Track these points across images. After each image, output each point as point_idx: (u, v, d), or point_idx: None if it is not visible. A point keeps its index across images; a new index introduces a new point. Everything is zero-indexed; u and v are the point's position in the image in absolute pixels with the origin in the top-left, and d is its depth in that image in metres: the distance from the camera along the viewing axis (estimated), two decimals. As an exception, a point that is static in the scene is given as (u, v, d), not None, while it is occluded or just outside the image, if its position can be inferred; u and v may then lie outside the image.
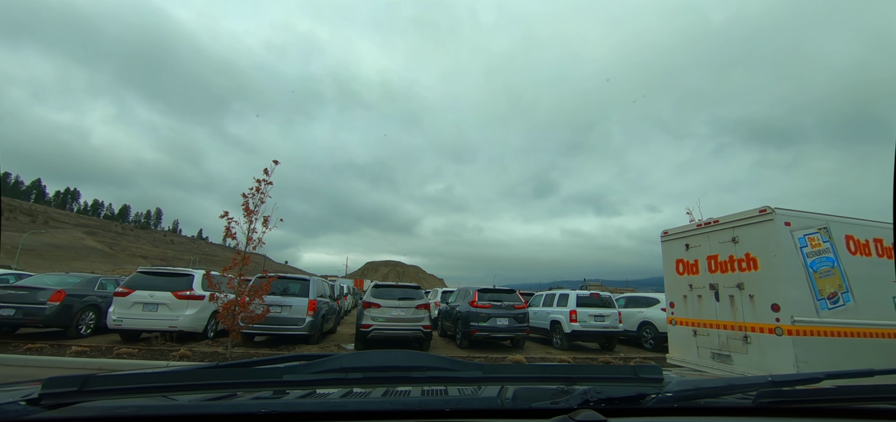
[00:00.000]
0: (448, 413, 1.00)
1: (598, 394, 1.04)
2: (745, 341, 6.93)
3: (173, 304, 9.57)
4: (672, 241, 8.81)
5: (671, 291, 8.73)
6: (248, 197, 8.72)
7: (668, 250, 8.92)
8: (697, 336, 7.91)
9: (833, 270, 6.78)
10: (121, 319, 9.31)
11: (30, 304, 9.26)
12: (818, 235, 6.86)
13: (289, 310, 9.93)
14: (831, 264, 6.80)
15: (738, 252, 7.23)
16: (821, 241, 6.85)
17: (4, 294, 9.38)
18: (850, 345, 6.48)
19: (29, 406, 0.94)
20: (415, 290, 11.00)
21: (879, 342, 6.68)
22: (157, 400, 1.05)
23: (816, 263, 6.70)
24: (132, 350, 8.45)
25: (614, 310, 12.10)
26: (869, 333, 6.63)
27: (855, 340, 6.54)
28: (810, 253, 6.71)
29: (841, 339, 6.45)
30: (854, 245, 7.09)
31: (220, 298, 8.37)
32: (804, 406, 1.16)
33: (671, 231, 8.92)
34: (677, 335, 8.50)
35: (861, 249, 7.13)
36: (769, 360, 6.48)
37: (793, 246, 6.63)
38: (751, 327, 6.85)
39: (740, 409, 1.15)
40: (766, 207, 6.85)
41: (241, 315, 8.33)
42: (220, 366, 1.35)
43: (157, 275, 10.09)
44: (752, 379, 1.30)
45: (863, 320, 6.66)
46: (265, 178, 8.93)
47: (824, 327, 6.39)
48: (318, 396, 1.15)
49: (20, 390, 1.07)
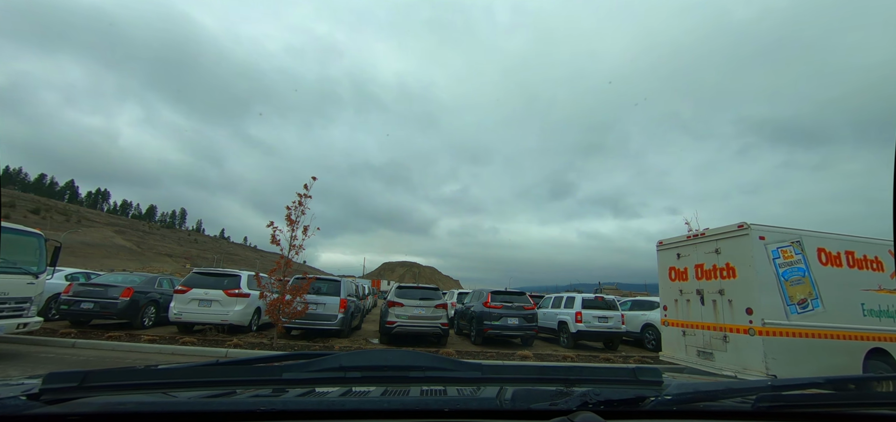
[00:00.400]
0: (447, 413, 1.01)
1: (597, 396, 1.04)
2: (724, 341, 7.89)
3: (224, 300, 10.98)
4: (666, 250, 9.79)
5: (665, 295, 9.71)
6: (291, 210, 10.11)
7: (662, 259, 9.89)
8: (686, 336, 8.88)
9: (803, 279, 7.69)
10: (180, 312, 10.76)
11: (105, 299, 10.81)
12: (791, 248, 7.78)
13: (323, 307, 11.24)
14: (802, 274, 7.71)
15: (720, 262, 8.20)
16: (793, 253, 7.77)
17: (84, 290, 10.98)
18: (816, 345, 7.40)
19: (29, 401, 0.95)
20: (434, 291, 12.20)
21: (845, 344, 7.57)
22: (157, 396, 1.06)
23: (788, 273, 7.62)
24: (192, 340, 9.86)
25: (618, 312, 13.07)
26: (835, 335, 7.53)
27: (821, 340, 7.45)
28: (782, 264, 7.64)
29: (808, 340, 7.37)
30: (825, 257, 7.98)
31: (268, 296, 9.77)
32: (804, 411, 1.16)
33: (665, 241, 9.89)
34: (669, 335, 9.48)
35: (832, 261, 8.01)
36: (743, 357, 7.44)
37: (766, 257, 7.57)
38: (729, 328, 7.81)
39: (739, 413, 1.15)
40: (744, 223, 7.80)
41: (285, 311, 9.69)
42: (219, 363, 1.35)
43: (210, 275, 11.53)
44: (751, 383, 1.28)
45: (830, 323, 7.57)
46: (305, 192, 10.30)
47: (792, 329, 7.32)
48: (317, 394, 1.15)
49: (21, 385, 1.09)
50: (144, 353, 8.98)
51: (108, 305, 10.75)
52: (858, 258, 8.16)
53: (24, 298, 7.64)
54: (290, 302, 9.83)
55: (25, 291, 7.66)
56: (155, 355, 8.96)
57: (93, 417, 0.92)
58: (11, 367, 7.08)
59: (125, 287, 11.21)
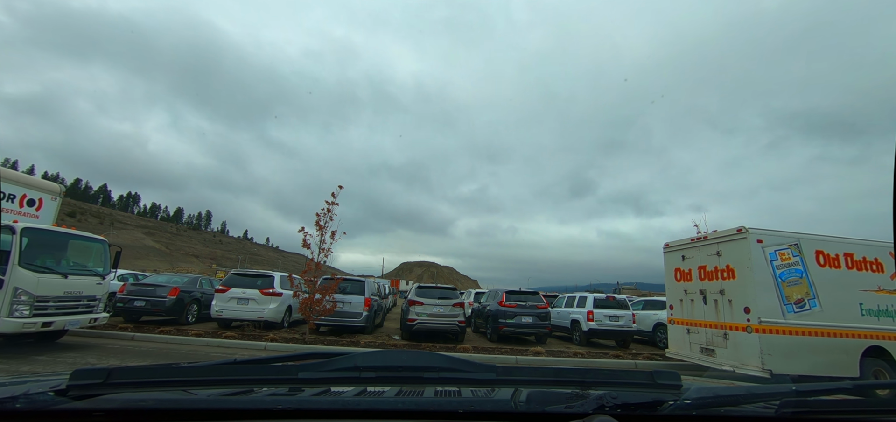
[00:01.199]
0: (461, 415, 1.01)
1: (614, 399, 1.02)
2: (724, 338, 8.39)
3: (260, 299, 12.00)
4: (672, 252, 10.30)
5: (671, 295, 10.22)
6: (320, 216, 11.05)
7: (668, 260, 10.40)
8: (690, 334, 9.38)
9: (801, 280, 8.13)
10: (221, 310, 11.84)
11: (155, 297, 11.99)
12: (789, 251, 8.23)
13: (349, 306, 12.14)
14: (800, 275, 8.15)
15: (721, 264, 8.69)
16: (791, 255, 8.21)
17: (137, 290, 12.20)
18: (812, 343, 7.84)
19: (57, 397, 0.99)
20: (452, 291, 12.98)
21: (842, 342, 7.98)
22: (177, 393, 1.09)
23: (785, 274, 8.08)
24: (233, 334, 10.89)
25: (628, 312, 13.58)
26: (831, 333, 7.95)
27: (818, 338, 7.89)
28: (780, 266, 8.10)
29: (804, 337, 7.82)
30: (823, 259, 8.38)
31: (300, 295, 10.73)
32: (830, 418, 1.13)
33: (671, 244, 10.39)
34: (675, 333, 9.99)
35: (830, 263, 8.41)
36: (741, 354, 7.94)
37: (763, 260, 8.05)
38: (729, 325, 8.31)
39: (762, 418, 1.12)
40: (743, 227, 8.29)
41: (316, 309, 10.62)
42: (237, 362, 1.37)
43: (246, 276, 12.60)
44: (774, 388, 1.25)
45: (827, 322, 7.99)
46: (332, 200, 11.22)
47: (788, 327, 7.79)
48: (333, 394, 1.16)
49: (48, 381, 1.13)
50: (193, 345, 10.03)
51: (157, 303, 11.92)
52: (857, 260, 8.52)
53: (94, 297, 8.76)
54: (320, 301, 10.76)
55: (95, 290, 8.77)
56: (202, 348, 10.00)
57: (116, 412, 0.96)
58: (85, 356, 8.16)
59: (172, 287, 12.37)
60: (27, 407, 0.97)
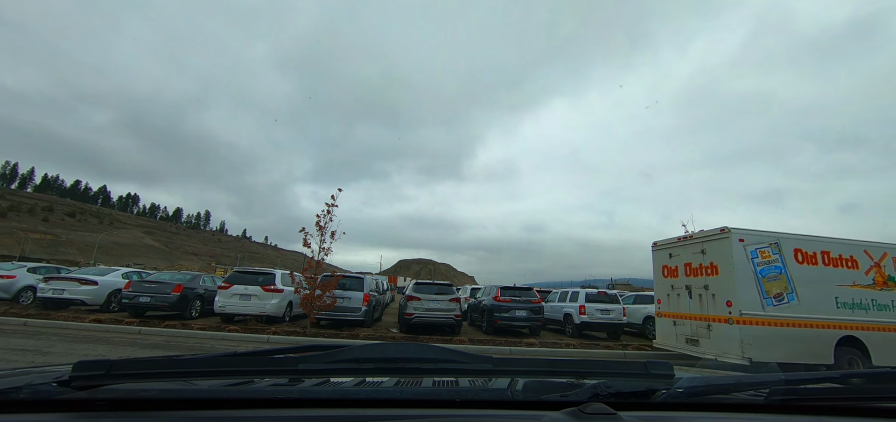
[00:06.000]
0: (458, 403, 1.03)
1: (608, 388, 1.05)
2: (708, 329, 8.80)
3: (261, 295, 12.36)
4: (660, 250, 10.70)
5: (658, 290, 10.63)
6: (321, 217, 11.42)
7: (657, 258, 10.81)
8: (676, 326, 9.80)
9: (780, 276, 8.53)
10: (224, 305, 12.19)
11: (160, 293, 12.35)
12: (769, 249, 8.63)
13: (349, 301, 12.52)
14: (779, 271, 8.56)
15: (705, 261, 9.10)
16: (771, 253, 8.62)
17: (142, 286, 12.55)
18: (789, 333, 8.26)
19: (60, 387, 0.99)
20: (448, 286, 13.40)
21: (818, 332, 8.40)
22: (179, 384, 1.10)
23: (765, 271, 8.49)
24: (237, 328, 11.26)
25: (619, 306, 14.04)
26: (808, 324, 8.37)
27: (795, 329, 8.31)
28: (760, 262, 8.51)
29: (782, 328, 8.24)
30: (802, 256, 8.79)
31: (302, 291, 11.10)
32: (817, 404, 1.17)
33: (659, 243, 10.80)
34: (662, 325, 10.41)
35: (808, 260, 8.82)
36: (723, 344, 8.36)
37: (745, 257, 8.45)
38: (712, 318, 8.72)
39: (752, 405, 1.15)
40: (726, 227, 8.70)
41: (316, 304, 11.00)
42: (237, 354, 1.39)
43: (249, 273, 12.94)
44: (764, 377, 1.28)
45: (804, 314, 8.41)
46: (332, 202, 11.58)
47: (767, 319, 8.20)
48: (332, 384, 1.18)
49: (52, 372, 1.14)
50: (198, 339, 10.39)
51: (162, 299, 12.27)
52: (834, 258, 8.94)
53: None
54: (321, 297, 11.13)
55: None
56: (207, 341, 10.36)
57: (118, 402, 0.98)
58: (97, 348, 8.53)
59: (176, 283, 12.73)
60: (31, 397, 0.98)
